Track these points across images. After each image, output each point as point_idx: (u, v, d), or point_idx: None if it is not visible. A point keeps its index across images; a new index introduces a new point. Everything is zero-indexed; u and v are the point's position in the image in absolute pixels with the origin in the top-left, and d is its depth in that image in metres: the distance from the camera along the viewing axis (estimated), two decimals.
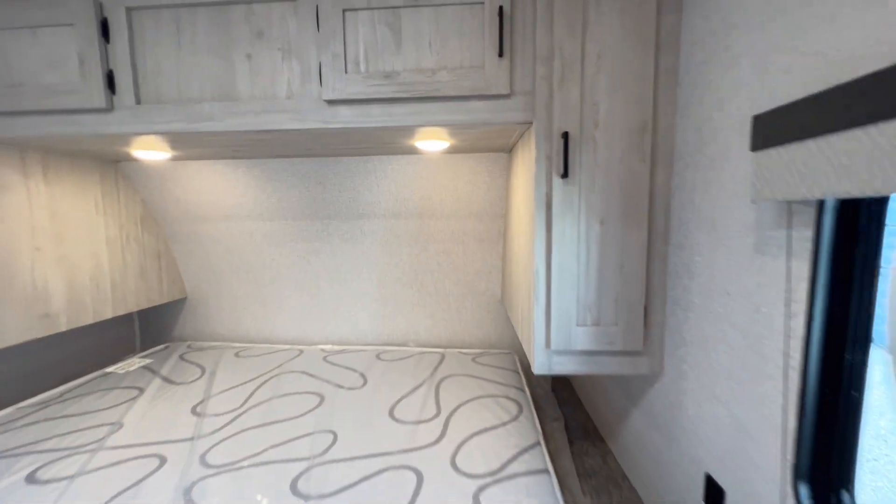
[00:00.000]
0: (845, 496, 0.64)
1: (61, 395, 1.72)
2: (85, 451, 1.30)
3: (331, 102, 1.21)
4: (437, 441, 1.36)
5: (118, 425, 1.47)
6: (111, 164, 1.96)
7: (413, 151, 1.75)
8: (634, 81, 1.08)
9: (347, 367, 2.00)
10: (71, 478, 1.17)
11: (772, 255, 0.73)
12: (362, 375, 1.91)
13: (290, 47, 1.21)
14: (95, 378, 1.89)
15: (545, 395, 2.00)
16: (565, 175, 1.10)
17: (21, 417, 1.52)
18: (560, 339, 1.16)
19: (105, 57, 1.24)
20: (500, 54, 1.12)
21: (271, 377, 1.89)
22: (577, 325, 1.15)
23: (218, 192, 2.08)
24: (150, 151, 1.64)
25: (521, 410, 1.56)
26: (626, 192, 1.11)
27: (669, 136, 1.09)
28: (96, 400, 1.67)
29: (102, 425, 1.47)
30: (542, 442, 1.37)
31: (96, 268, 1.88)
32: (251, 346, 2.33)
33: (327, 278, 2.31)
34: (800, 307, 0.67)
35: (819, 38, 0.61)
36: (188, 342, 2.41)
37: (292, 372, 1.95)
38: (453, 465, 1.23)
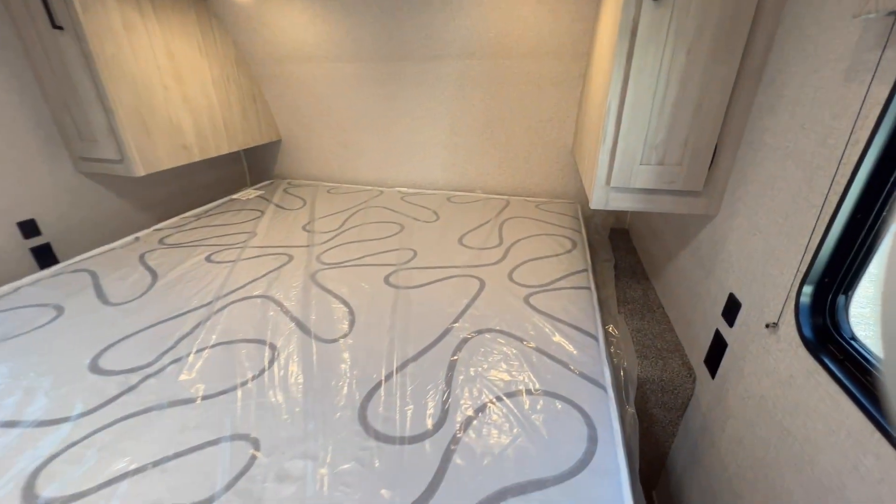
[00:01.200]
0: (841, 298, 0.76)
1: (207, 211, 2.21)
2: (237, 247, 1.76)
3: None
4: (498, 262, 1.63)
5: (253, 234, 1.92)
6: (202, 2, 2.05)
7: None
8: None
9: (422, 206, 2.27)
10: (233, 261, 1.64)
11: (859, 80, 0.71)
12: (435, 213, 2.18)
13: None
14: (226, 202, 2.37)
15: (601, 241, 2.16)
16: None
17: (186, 224, 2.03)
18: (621, 177, 1.23)
19: None
20: None
21: (360, 209, 2.23)
22: (641, 163, 1.21)
23: (299, 30, 2.13)
24: None
25: (574, 246, 1.75)
26: (726, 16, 1.01)
27: None
28: (232, 216, 2.14)
29: (243, 233, 1.93)
30: (590, 270, 1.58)
31: (209, 107, 2.16)
32: (339, 185, 2.67)
33: (402, 124, 2.44)
34: (863, 134, 0.68)
35: None
36: (287, 179, 2.81)
37: (376, 207, 2.27)
38: (510, 277, 1.51)
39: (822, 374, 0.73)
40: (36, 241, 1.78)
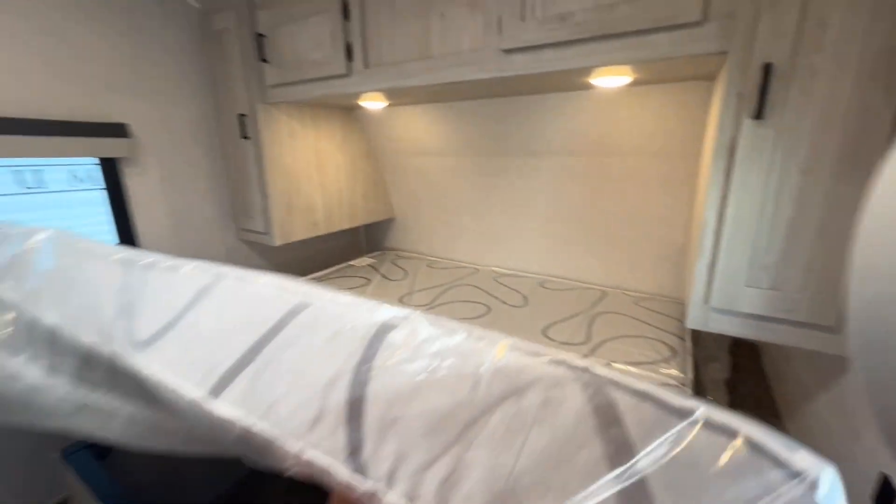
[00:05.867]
0: None
1: (326, 275, 2.57)
2: None
3: (507, 51, 1.31)
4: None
5: None
6: (348, 112, 2.57)
7: (589, 87, 1.70)
8: None
9: (513, 289, 2.28)
10: None
11: None
12: (524, 297, 2.16)
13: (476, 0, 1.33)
14: (344, 267, 2.73)
15: (718, 351, 1.85)
16: (759, 116, 0.95)
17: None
18: (722, 297, 1.09)
19: (345, 32, 1.63)
20: None
21: (453, 286, 2.34)
22: (747, 285, 1.06)
23: (418, 131, 2.49)
24: (372, 102, 2.10)
25: (674, 355, 1.54)
26: (850, 133, 0.89)
27: None
28: (344, 282, 2.44)
29: None
30: (690, 387, 1.36)
31: (339, 192, 2.60)
32: (439, 260, 2.86)
33: (500, 210, 2.56)
34: None
35: None
36: (396, 251, 3.12)
37: (468, 285, 2.36)
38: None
39: None
40: None
